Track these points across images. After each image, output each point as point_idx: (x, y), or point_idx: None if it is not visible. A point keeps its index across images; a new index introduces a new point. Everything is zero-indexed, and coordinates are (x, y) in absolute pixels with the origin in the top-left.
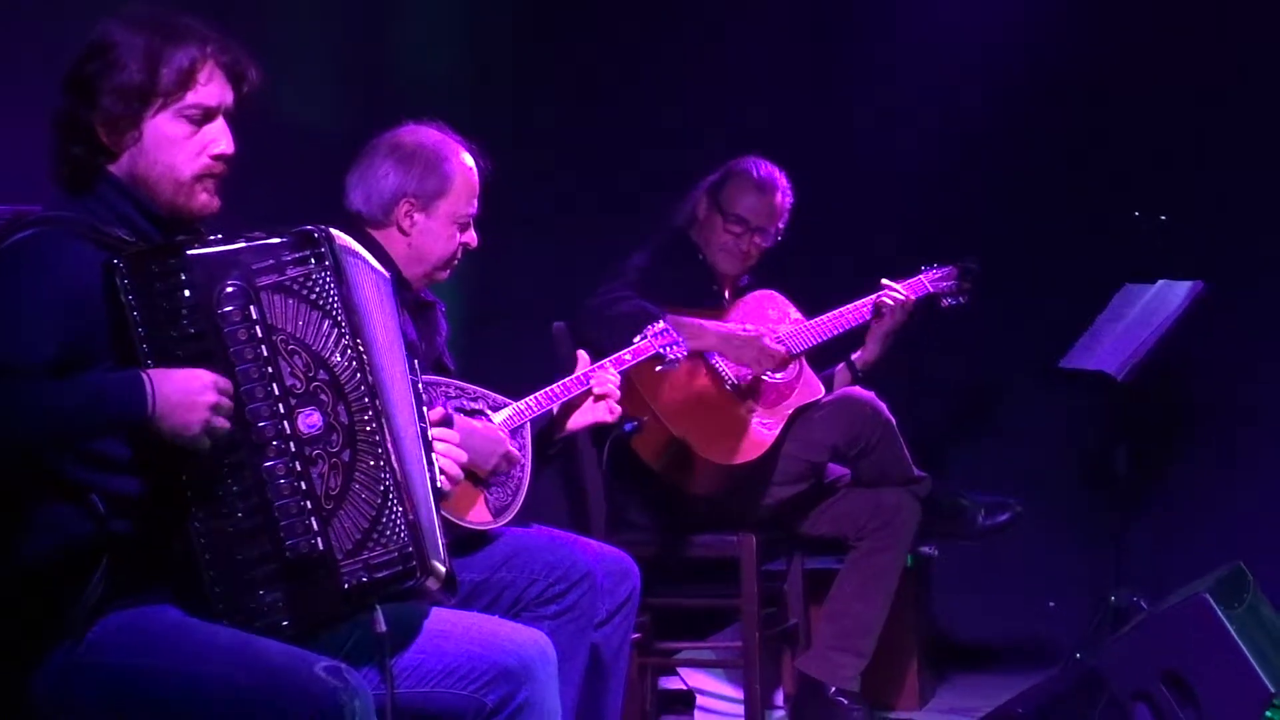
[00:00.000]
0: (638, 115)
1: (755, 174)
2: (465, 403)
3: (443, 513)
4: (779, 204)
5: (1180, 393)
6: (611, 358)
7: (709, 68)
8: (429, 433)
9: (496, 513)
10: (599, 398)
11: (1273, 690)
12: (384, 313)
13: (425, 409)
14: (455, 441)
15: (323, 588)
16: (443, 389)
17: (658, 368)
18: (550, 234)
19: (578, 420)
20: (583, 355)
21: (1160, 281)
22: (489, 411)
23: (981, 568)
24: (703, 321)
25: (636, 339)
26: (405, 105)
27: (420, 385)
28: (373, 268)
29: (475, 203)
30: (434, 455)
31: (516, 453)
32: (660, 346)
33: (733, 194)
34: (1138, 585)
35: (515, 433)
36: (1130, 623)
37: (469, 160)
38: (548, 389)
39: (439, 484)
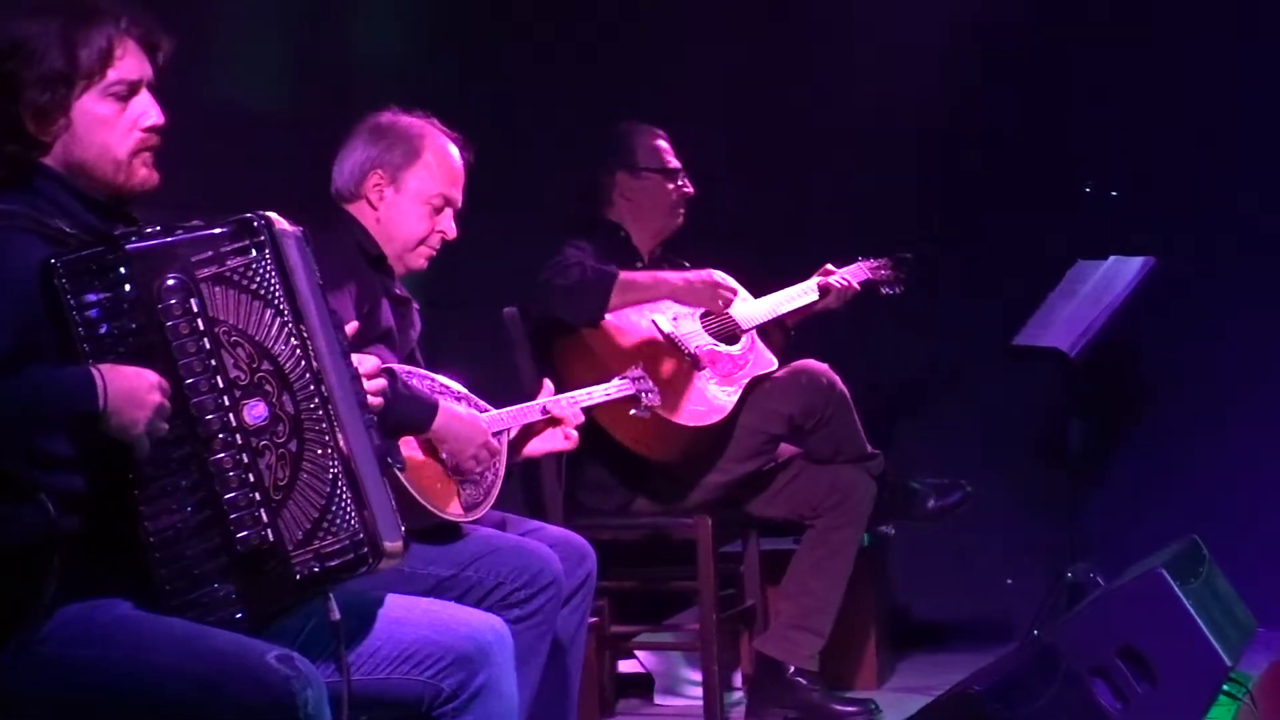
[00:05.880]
0: (586, 95)
1: (643, 126)
2: (450, 399)
3: (417, 498)
4: (667, 141)
5: (1133, 368)
6: (584, 393)
7: (661, 52)
8: (365, 396)
9: (468, 508)
10: (556, 424)
11: (1229, 663)
12: (312, 284)
13: (358, 372)
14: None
15: (275, 579)
16: (429, 383)
17: (631, 411)
18: (499, 219)
19: (534, 447)
20: (547, 384)
21: (1112, 258)
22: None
23: (939, 546)
24: (657, 272)
25: (616, 379)
26: (354, 90)
27: (347, 346)
28: (297, 237)
29: (456, 190)
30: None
31: (496, 444)
32: (638, 390)
33: (646, 152)
34: (1094, 561)
35: (496, 435)
36: (1087, 598)
37: (447, 146)
38: (521, 406)
39: (395, 461)
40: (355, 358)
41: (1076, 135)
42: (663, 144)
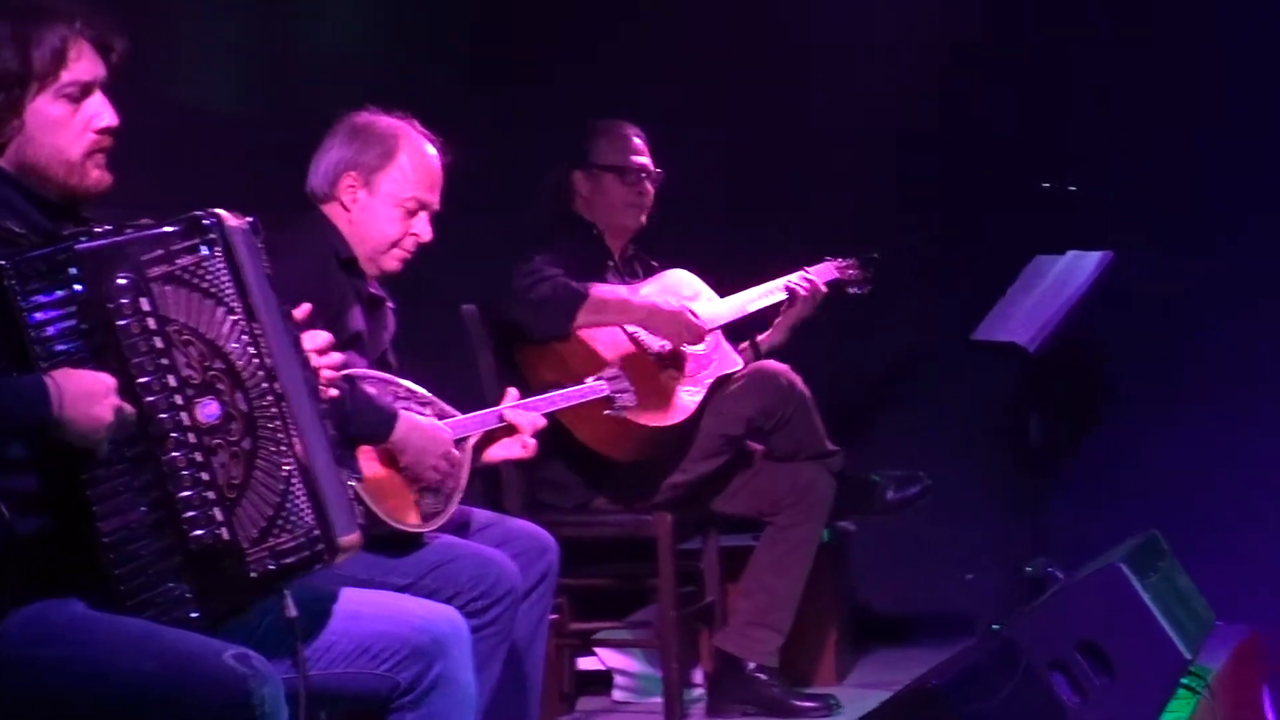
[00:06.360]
0: (545, 93)
1: (612, 122)
2: (414, 406)
3: (374, 509)
4: (643, 139)
5: (1092, 363)
6: (551, 397)
7: (622, 47)
8: (318, 385)
9: (427, 518)
10: (514, 432)
11: (1188, 657)
12: (261, 278)
13: (309, 363)
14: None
15: (230, 577)
16: (393, 389)
17: (606, 410)
18: (460, 215)
19: (492, 454)
20: (512, 392)
21: (1070, 252)
22: (436, 420)
23: (898, 541)
24: (626, 297)
25: (590, 379)
26: (314, 89)
27: (298, 337)
28: (244, 231)
29: (432, 194)
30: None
31: (457, 454)
32: (613, 391)
33: (610, 150)
34: (1053, 555)
35: (459, 442)
36: (1046, 593)
37: (424, 147)
38: (483, 413)
39: (352, 473)
40: (307, 336)
41: (1035, 131)
42: (631, 141)
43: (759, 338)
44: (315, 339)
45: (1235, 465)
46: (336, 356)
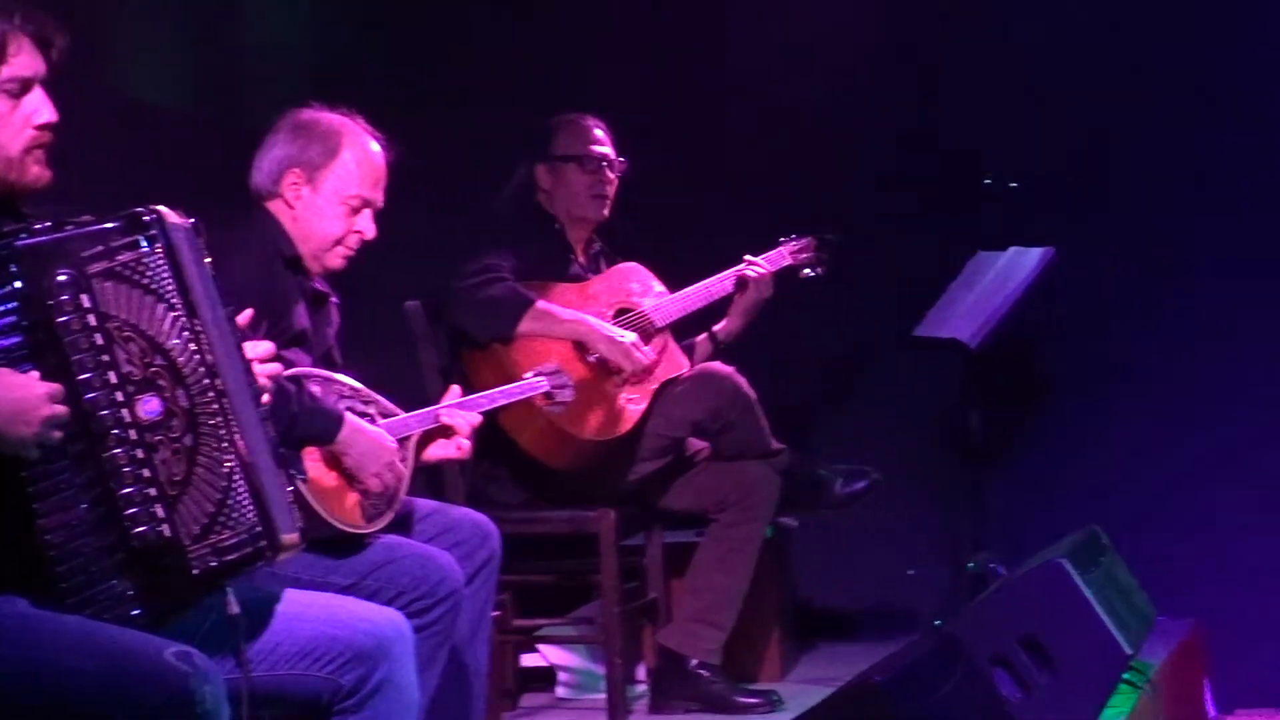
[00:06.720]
0: (482, 86)
1: (573, 115)
2: (357, 404)
3: (317, 509)
4: (605, 130)
5: (1034, 359)
6: (490, 395)
7: (574, 40)
8: (259, 388)
9: (370, 518)
10: (450, 434)
11: (1129, 652)
12: (204, 277)
13: (251, 366)
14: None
15: (172, 574)
16: (337, 388)
17: (545, 406)
18: (405, 209)
19: (430, 454)
20: (454, 389)
21: (1011, 249)
22: (378, 418)
23: (841, 537)
24: (579, 315)
25: (530, 374)
26: (255, 84)
27: (239, 337)
28: (187, 230)
29: (376, 191)
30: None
31: (401, 466)
32: (552, 386)
33: (570, 140)
34: (995, 551)
35: (401, 443)
36: (988, 588)
37: (368, 144)
38: (423, 412)
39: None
40: (248, 345)
41: (977, 128)
42: (592, 132)
43: (716, 328)
44: (257, 349)
45: (1176, 460)
46: (275, 366)
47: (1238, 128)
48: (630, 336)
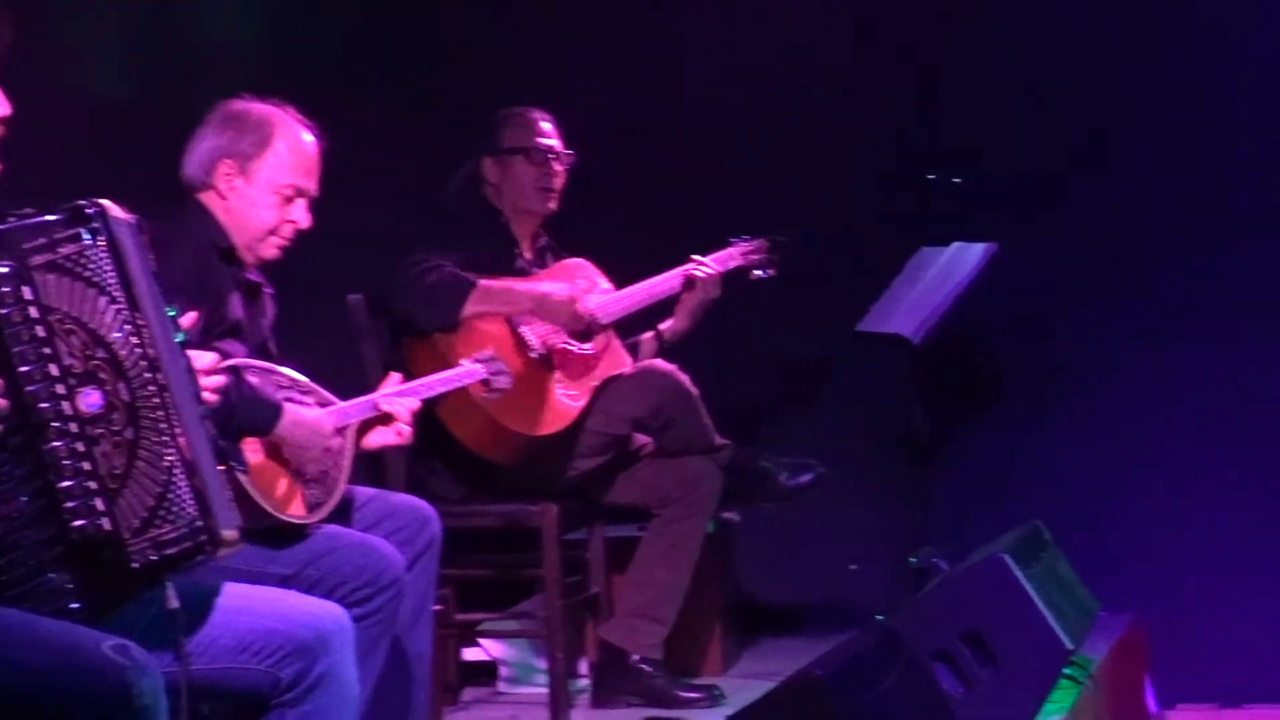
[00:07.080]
0: (432, 80)
1: (520, 108)
2: (296, 395)
3: (258, 500)
4: (552, 124)
5: (976, 354)
6: (427, 382)
7: (528, 38)
8: (200, 390)
9: (311, 508)
10: (390, 420)
11: (1070, 647)
12: (146, 272)
13: (193, 364)
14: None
15: (111, 568)
16: (275, 378)
17: (481, 394)
18: (346, 201)
19: (369, 442)
20: (394, 376)
21: (954, 244)
22: (317, 408)
23: (783, 532)
24: (514, 284)
25: (465, 361)
26: (200, 77)
27: (183, 340)
28: (131, 225)
29: (309, 180)
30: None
31: (339, 442)
32: (488, 373)
33: (517, 133)
34: (938, 546)
35: (340, 431)
36: (930, 583)
37: (300, 133)
38: (361, 400)
39: (237, 463)
40: (193, 354)
41: (920, 123)
42: (538, 125)
43: (662, 326)
44: (202, 359)
45: (1118, 456)
46: (218, 379)
47: (1186, 127)
48: (565, 288)
